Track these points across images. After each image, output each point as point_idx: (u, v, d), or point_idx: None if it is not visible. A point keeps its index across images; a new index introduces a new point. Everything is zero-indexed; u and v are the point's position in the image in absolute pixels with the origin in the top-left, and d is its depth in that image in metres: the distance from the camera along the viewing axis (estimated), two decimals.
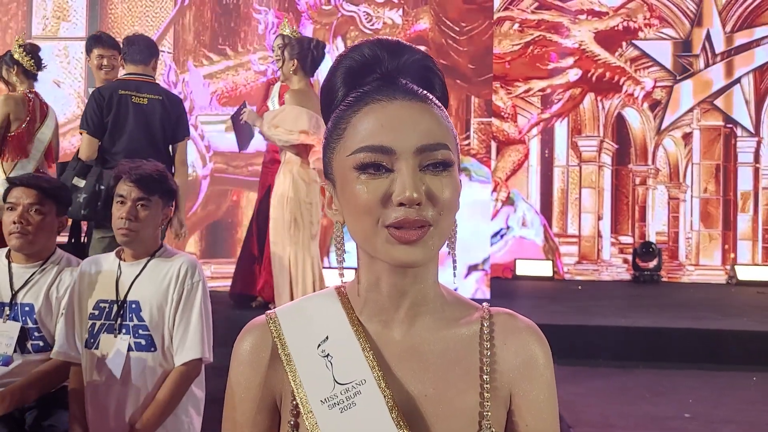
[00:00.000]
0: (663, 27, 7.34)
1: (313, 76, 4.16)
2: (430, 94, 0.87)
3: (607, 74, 7.36)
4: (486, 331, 0.89)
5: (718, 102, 7.31)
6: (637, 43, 7.36)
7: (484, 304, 0.93)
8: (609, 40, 7.36)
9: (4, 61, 4.04)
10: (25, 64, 4.01)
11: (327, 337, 0.88)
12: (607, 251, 7.36)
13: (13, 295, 2.22)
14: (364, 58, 0.87)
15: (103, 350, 2.02)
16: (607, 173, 7.42)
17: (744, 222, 7.28)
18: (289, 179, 3.81)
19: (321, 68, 4.22)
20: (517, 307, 1.07)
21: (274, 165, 4.23)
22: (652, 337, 4.45)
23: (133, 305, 2.04)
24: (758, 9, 7.30)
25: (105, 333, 2.04)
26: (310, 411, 0.84)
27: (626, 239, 7.36)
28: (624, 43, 7.37)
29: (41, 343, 2.21)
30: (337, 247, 0.89)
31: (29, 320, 2.21)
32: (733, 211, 7.28)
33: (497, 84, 7.19)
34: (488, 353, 0.88)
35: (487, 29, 5.76)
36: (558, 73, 7.41)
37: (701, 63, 7.32)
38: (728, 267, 7.16)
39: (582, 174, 7.43)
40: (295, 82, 3.97)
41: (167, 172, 2.22)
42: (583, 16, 7.39)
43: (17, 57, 4.01)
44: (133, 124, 3.61)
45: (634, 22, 7.32)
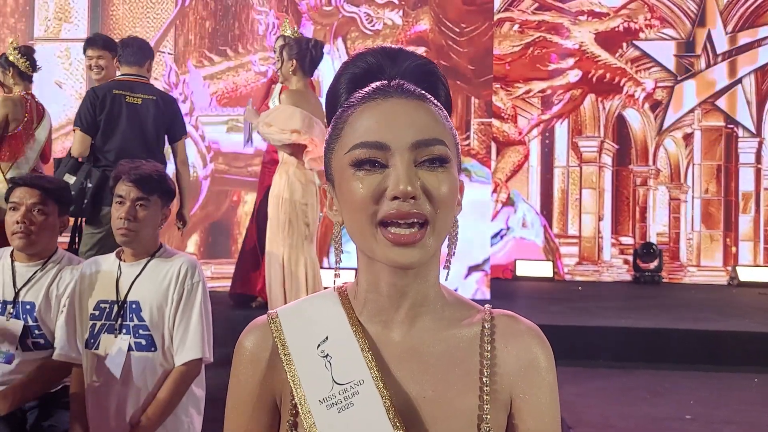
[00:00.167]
0: (664, 27, 7.34)
1: (312, 76, 4.16)
2: (429, 94, 0.87)
3: (608, 75, 7.36)
4: (487, 333, 0.88)
5: (719, 102, 7.31)
6: (638, 44, 7.36)
7: (486, 306, 0.92)
8: (609, 41, 7.36)
9: (0, 64, 4.07)
10: (21, 66, 4.04)
11: (327, 338, 0.88)
12: (608, 252, 7.35)
13: (16, 294, 2.24)
14: (368, 66, 0.89)
15: (104, 350, 2.03)
16: (608, 174, 7.41)
17: (745, 223, 7.27)
18: (284, 180, 3.81)
19: (322, 68, 4.22)
20: (517, 307, 1.08)
21: (274, 165, 4.22)
22: (652, 338, 4.45)
23: (134, 305, 2.05)
24: (760, 9, 7.30)
25: (105, 333, 2.04)
26: (309, 411, 0.84)
27: (627, 240, 7.36)
28: (624, 44, 7.37)
29: (42, 341, 2.23)
30: (335, 248, 0.89)
31: (30, 318, 2.23)
32: (734, 211, 7.28)
33: (497, 85, 7.19)
34: (488, 355, 0.87)
35: (487, 30, 5.76)
36: (558, 74, 7.41)
37: (702, 63, 7.32)
38: (729, 268, 7.15)
39: (582, 175, 7.42)
40: (293, 83, 3.97)
41: (166, 173, 2.24)
42: (583, 17, 7.39)
43: (12, 59, 4.04)
44: (126, 123, 3.65)
45: (635, 23, 7.32)
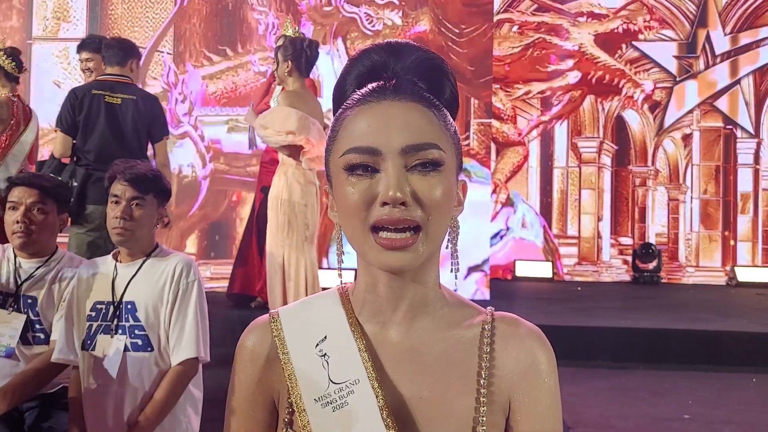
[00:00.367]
0: (663, 28, 7.34)
1: (308, 76, 4.15)
2: (426, 93, 0.86)
3: (607, 77, 7.36)
4: (487, 335, 0.88)
5: (717, 103, 7.31)
6: (637, 45, 7.36)
7: (489, 308, 0.92)
8: (609, 42, 7.36)
9: None
10: (7, 67, 4.02)
11: (325, 337, 0.88)
12: (607, 252, 7.35)
13: (18, 287, 2.24)
14: (372, 63, 0.88)
15: (100, 351, 2.03)
16: (607, 174, 7.41)
17: (744, 223, 7.28)
18: (283, 181, 3.81)
19: (322, 69, 4.22)
20: (516, 308, 1.07)
21: (273, 165, 4.22)
22: (651, 339, 4.45)
23: (129, 306, 2.05)
24: (759, 10, 7.30)
25: (102, 334, 2.04)
26: (303, 409, 0.84)
27: (626, 240, 7.36)
28: (623, 45, 7.37)
29: (42, 336, 2.23)
30: (337, 248, 0.89)
31: (31, 313, 2.23)
32: (733, 212, 7.28)
33: (497, 86, 7.18)
34: (487, 357, 0.86)
35: (487, 31, 5.76)
36: (558, 76, 7.41)
37: (701, 64, 7.32)
38: (728, 268, 7.16)
39: (582, 175, 7.43)
40: (290, 84, 3.96)
41: (161, 172, 2.24)
42: (582, 19, 7.39)
43: None
44: (105, 123, 3.66)
45: (634, 24, 7.32)
